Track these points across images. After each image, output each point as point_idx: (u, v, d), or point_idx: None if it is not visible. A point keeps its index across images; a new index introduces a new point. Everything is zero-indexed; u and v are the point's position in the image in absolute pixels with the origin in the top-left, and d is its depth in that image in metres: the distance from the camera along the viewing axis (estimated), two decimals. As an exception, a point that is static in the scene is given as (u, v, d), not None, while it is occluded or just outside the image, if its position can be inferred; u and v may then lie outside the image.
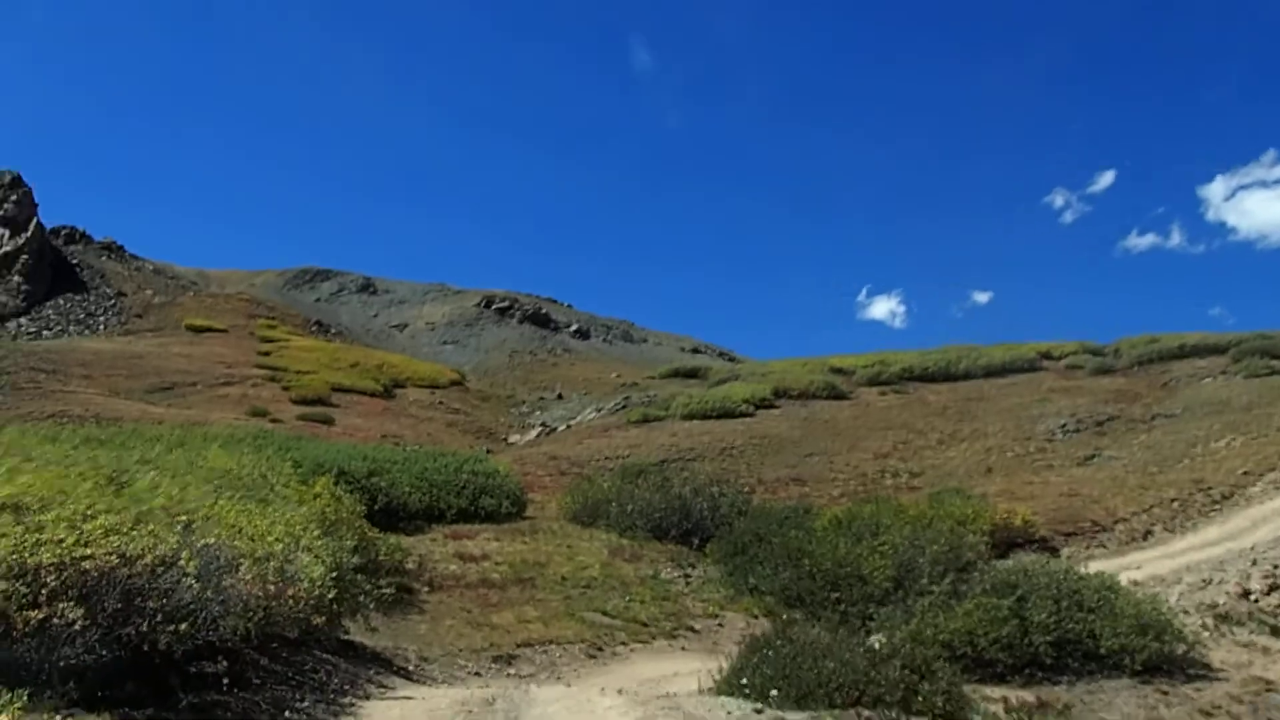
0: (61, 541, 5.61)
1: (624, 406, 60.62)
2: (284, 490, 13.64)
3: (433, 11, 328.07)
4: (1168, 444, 41.16)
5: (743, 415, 53.29)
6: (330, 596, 8.39)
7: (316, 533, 9.46)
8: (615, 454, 44.07)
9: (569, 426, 59.75)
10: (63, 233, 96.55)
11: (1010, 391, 58.68)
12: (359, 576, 10.87)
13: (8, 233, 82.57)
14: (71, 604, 5.37)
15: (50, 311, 77.79)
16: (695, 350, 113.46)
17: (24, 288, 78.33)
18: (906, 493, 38.84)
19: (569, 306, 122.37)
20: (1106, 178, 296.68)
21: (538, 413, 72.10)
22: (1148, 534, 25.70)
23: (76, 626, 5.34)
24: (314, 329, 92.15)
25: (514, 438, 59.87)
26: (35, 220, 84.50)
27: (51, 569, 5.42)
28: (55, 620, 5.26)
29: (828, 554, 18.27)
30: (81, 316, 79.13)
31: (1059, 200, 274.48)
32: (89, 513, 6.20)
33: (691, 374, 77.87)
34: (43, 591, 5.36)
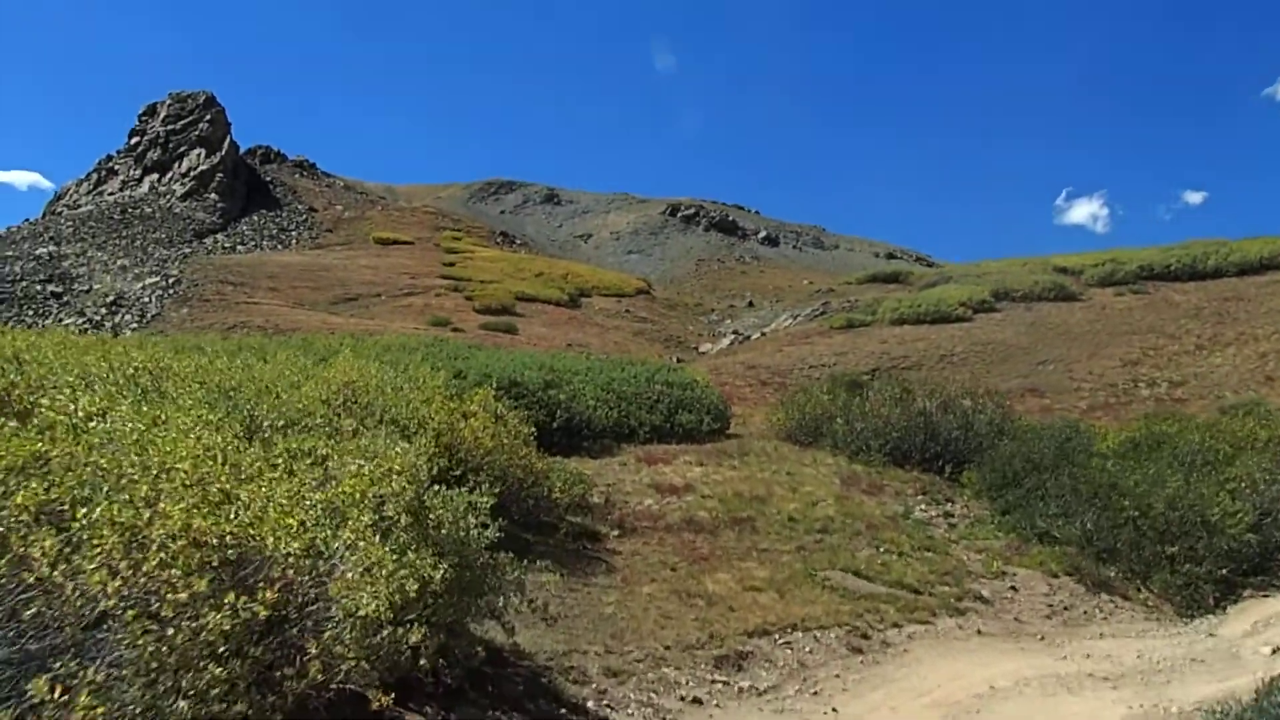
0: None
1: (822, 313, 55.74)
2: (418, 410, 9.91)
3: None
4: None
5: (960, 320, 47.66)
6: (412, 641, 4.43)
7: (397, 504, 5.45)
8: (820, 362, 39.52)
9: (763, 334, 55.37)
10: (258, 152, 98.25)
11: (1275, 290, 50.85)
12: (501, 555, 6.85)
13: (204, 152, 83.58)
14: None
15: (245, 228, 78.43)
16: (890, 256, 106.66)
17: (220, 205, 79.12)
18: (1170, 405, 33.05)
19: (756, 213, 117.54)
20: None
21: (728, 321, 68.18)
22: None
23: None
24: (499, 240, 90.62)
25: (705, 347, 56.05)
26: (229, 139, 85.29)
27: None
28: None
29: (1153, 492, 13.43)
30: (274, 232, 79.59)
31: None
32: None
33: (892, 279, 71.90)
34: None
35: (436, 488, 6.59)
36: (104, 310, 48.36)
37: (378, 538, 4.69)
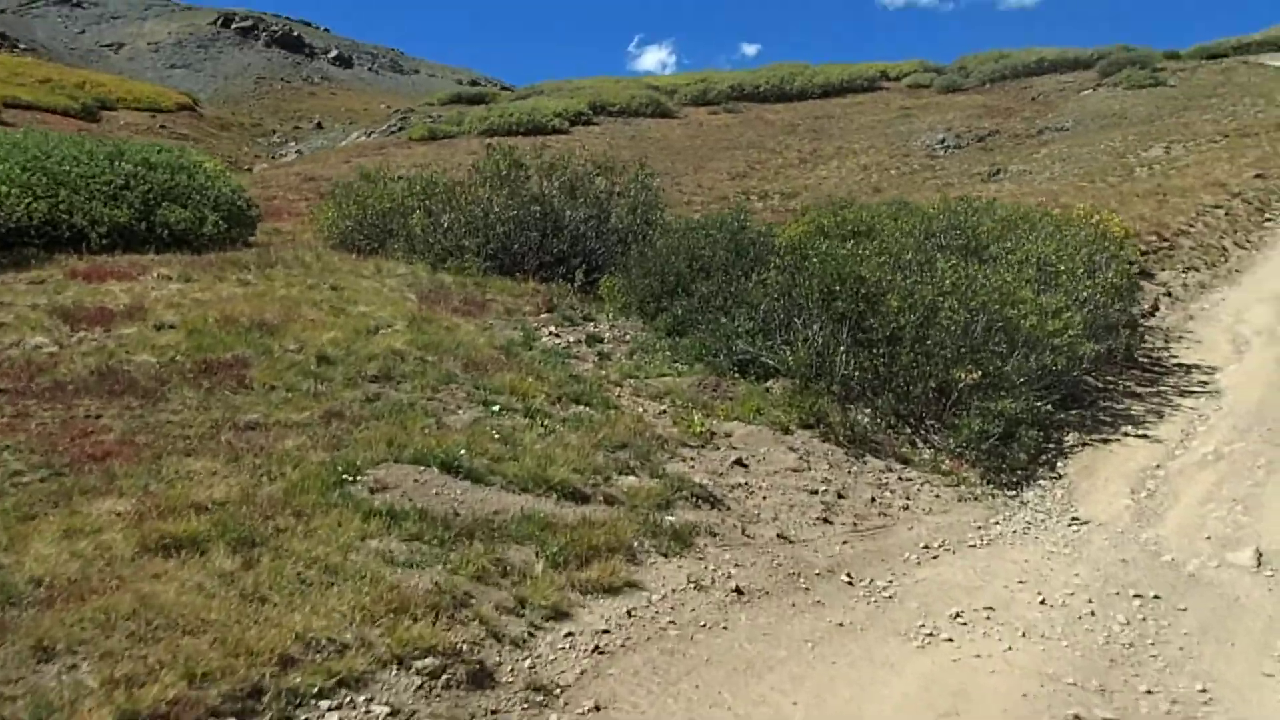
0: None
1: (401, 128, 48.15)
2: None
3: None
4: (1085, 155, 34.01)
5: (557, 132, 42.46)
6: None
7: None
8: (396, 175, 32.34)
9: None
10: None
11: (860, 110, 51.05)
12: None
13: None
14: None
15: None
16: (474, 82, 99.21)
17: None
18: (785, 216, 29.94)
19: (325, 30, 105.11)
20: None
21: (293, 144, 58.53)
22: (1224, 252, 17.21)
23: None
24: (-7, 43, 72.43)
25: (260, 167, 46.64)
26: None
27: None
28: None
29: (922, 288, 8.21)
30: None
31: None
32: None
33: (478, 100, 65.07)
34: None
35: None
36: None
37: None
